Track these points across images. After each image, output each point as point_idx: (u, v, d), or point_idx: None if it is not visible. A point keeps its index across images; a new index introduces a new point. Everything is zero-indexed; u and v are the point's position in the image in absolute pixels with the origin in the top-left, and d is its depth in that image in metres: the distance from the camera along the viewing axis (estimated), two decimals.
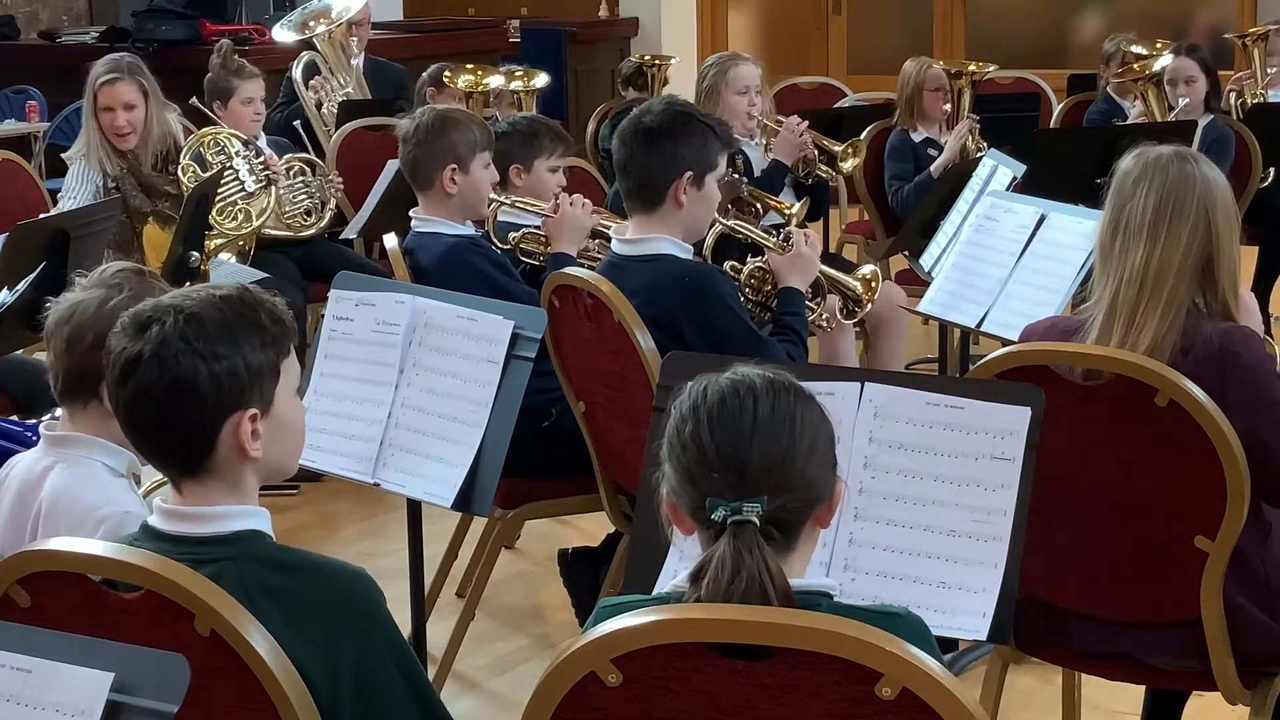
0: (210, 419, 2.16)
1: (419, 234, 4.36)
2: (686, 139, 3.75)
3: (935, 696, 1.79)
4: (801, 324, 3.94)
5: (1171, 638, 2.95)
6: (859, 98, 8.21)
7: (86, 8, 10.73)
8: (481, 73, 6.30)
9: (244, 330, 2.17)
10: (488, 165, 4.39)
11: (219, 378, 2.14)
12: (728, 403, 1.99)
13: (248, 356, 2.17)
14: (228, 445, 2.18)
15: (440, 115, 4.46)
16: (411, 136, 4.37)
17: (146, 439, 2.22)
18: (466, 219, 4.37)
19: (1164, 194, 2.89)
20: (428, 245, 4.31)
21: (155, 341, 2.14)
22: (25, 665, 1.76)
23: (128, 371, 2.15)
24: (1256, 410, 2.84)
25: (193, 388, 2.13)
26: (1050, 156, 5.56)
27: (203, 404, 2.15)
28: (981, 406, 2.62)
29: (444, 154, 4.31)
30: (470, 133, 4.35)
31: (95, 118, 5.42)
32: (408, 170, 4.43)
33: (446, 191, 4.32)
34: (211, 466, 2.19)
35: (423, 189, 4.38)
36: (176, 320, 2.14)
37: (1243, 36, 7.61)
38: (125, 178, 5.43)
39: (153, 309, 2.18)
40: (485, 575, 4.17)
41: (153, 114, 5.48)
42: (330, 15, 7.13)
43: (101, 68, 5.48)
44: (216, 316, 2.16)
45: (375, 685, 2.16)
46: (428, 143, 4.33)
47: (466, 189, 4.33)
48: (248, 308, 2.20)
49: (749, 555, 1.93)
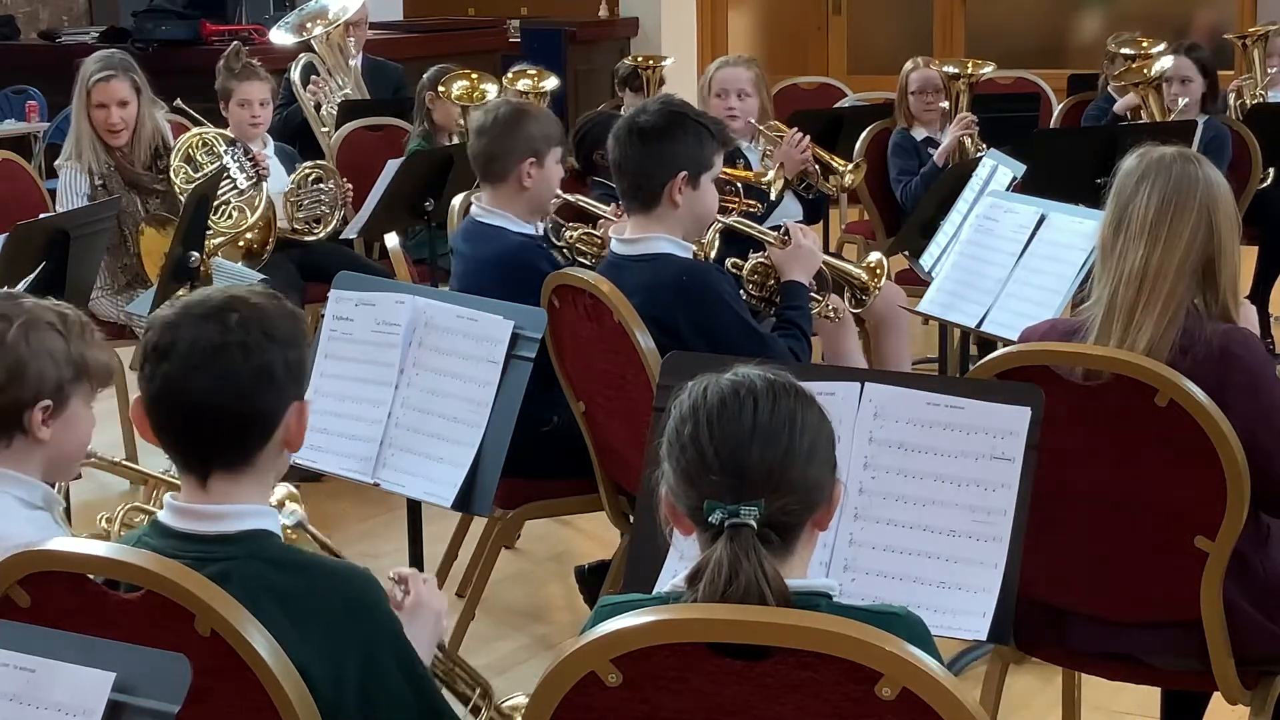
0: (281, 406, 2.20)
1: (480, 224, 4.26)
2: (681, 139, 3.74)
3: (935, 696, 1.79)
4: (804, 318, 3.93)
5: (1171, 638, 2.96)
6: (859, 98, 8.20)
7: (86, 8, 10.73)
8: (478, 78, 6.26)
9: (297, 323, 2.24)
10: (559, 161, 4.32)
11: (291, 365, 2.20)
12: (727, 404, 1.99)
13: (303, 348, 2.24)
14: (281, 435, 2.21)
15: (517, 107, 4.38)
16: (489, 129, 4.24)
17: (207, 429, 2.19)
18: (534, 215, 4.29)
19: (1167, 194, 2.89)
20: (490, 238, 4.22)
21: (238, 330, 2.16)
22: (28, 665, 1.77)
23: (207, 358, 2.15)
24: (1256, 412, 2.84)
25: (272, 374, 2.17)
26: (1050, 156, 5.56)
27: (278, 390, 2.19)
28: (981, 406, 2.62)
29: (523, 146, 4.20)
30: (545, 125, 4.28)
31: (87, 114, 5.42)
32: (480, 162, 4.29)
33: (522, 185, 4.22)
34: (258, 458, 2.21)
35: (495, 182, 4.26)
36: (249, 310, 2.18)
37: (1243, 37, 7.60)
38: (112, 175, 5.43)
39: (211, 299, 2.20)
40: (485, 575, 4.18)
41: (144, 111, 5.49)
42: (328, 16, 7.12)
43: (94, 65, 5.48)
44: (276, 307, 2.22)
45: (380, 686, 2.16)
46: (504, 135, 4.22)
47: (540, 183, 4.24)
48: (287, 304, 2.26)
49: (746, 558, 1.92)
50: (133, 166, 5.47)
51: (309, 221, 5.84)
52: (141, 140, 5.48)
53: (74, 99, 5.47)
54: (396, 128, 6.55)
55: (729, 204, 4.64)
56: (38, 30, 10.06)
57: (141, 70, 5.62)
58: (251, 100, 5.90)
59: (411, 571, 2.43)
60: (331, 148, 6.45)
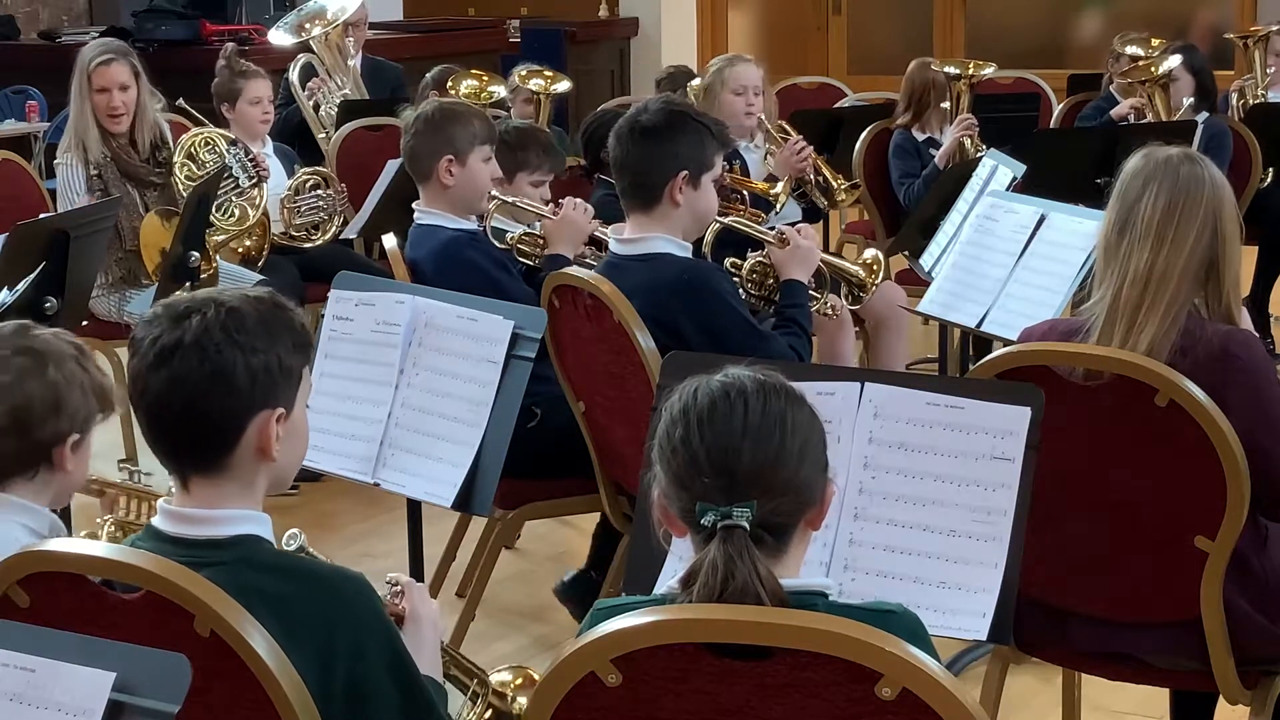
0: (241, 412, 2.15)
1: (419, 226, 4.35)
2: (682, 138, 3.75)
3: (935, 696, 1.79)
4: (804, 316, 3.94)
5: (1171, 638, 2.95)
6: (859, 98, 8.20)
7: (86, 8, 10.73)
8: (487, 79, 6.26)
9: (279, 329, 2.18)
10: (488, 160, 4.36)
11: (255, 372, 2.14)
12: (718, 406, 1.98)
13: (281, 355, 2.17)
14: (250, 443, 2.17)
15: (441, 107, 4.46)
16: (411, 126, 4.38)
17: (170, 429, 2.18)
18: (466, 214, 4.35)
19: (1173, 196, 2.89)
20: (426, 236, 4.30)
21: (196, 330, 2.13)
22: (28, 664, 1.76)
23: (163, 358, 2.13)
24: (1256, 413, 2.84)
25: (230, 378, 2.13)
26: (1050, 156, 5.57)
27: (237, 396, 2.14)
28: (981, 406, 2.62)
29: (441, 145, 4.29)
30: (470, 126, 4.34)
31: (88, 100, 5.38)
32: (407, 160, 4.43)
33: (443, 183, 4.30)
34: (229, 464, 2.18)
35: (421, 180, 4.37)
36: (218, 312, 2.14)
37: (1245, 37, 7.61)
38: (108, 165, 5.39)
39: (190, 300, 2.18)
40: (485, 575, 4.18)
41: (144, 98, 5.47)
42: (326, 17, 7.12)
43: (93, 50, 5.47)
44: (254, 313, 2.17)
45: (367, 694, 2.15)
46: (426, 133, 4.33)
47: (463, 182, 4.31)
48: (281, 310, 2.21)
49: (740, 560, 1.92)
50: (130, 157, 5.45)
51: (307, 228, 5.83)
52: (143, 127, 5.47)
53: (73, 87, 5.43)
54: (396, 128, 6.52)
55: (732, 213, 4.65)
56: (38, 30, 10.06)
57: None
58: (262, 97, 5.94)
59: (408, 581, 2.41)
60: (331, 148, 6.45)
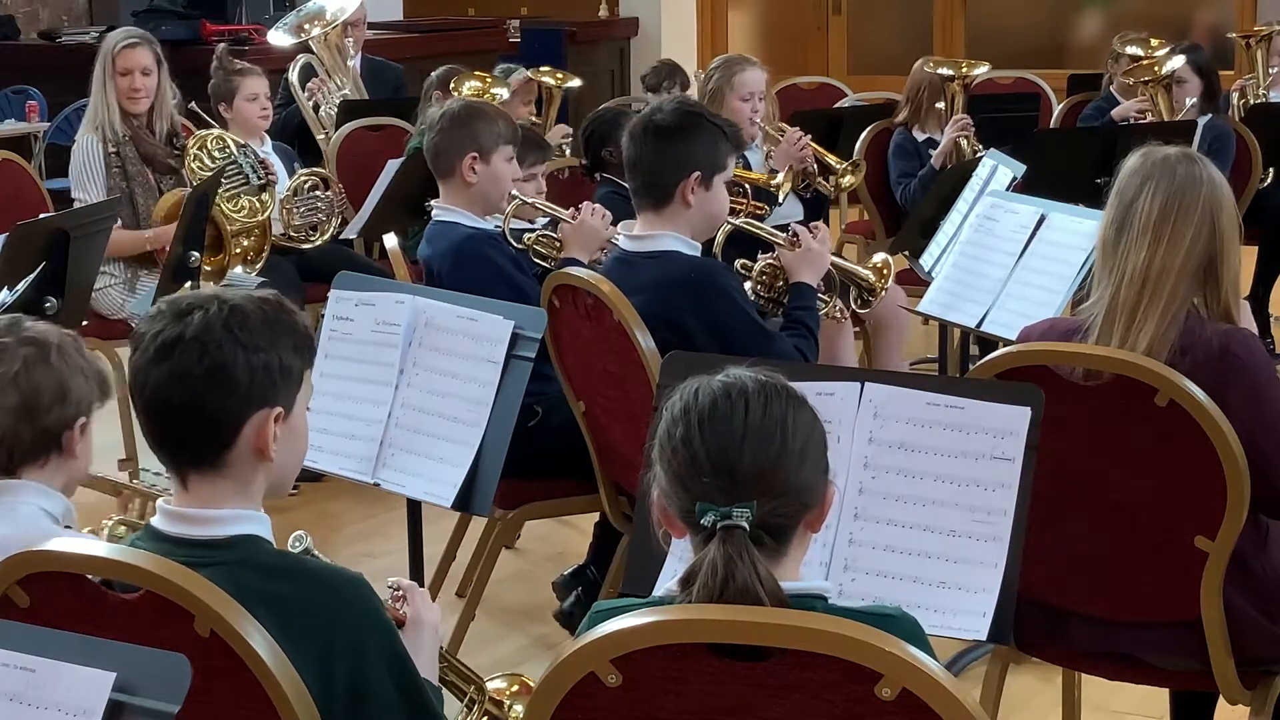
0: (239, 410, 2.16)
1: (438, 223, 4.35)
2: (696, 139, 3.75)
3: (935, 697, 1.79)
4: (813, 318, 3.94)
5: (1171, 638, 2.95)
6: (859, 98, 8.20)
7: (86, 8, 10.73)
8: (491, 80, 6.26)
9: (282, 330, 2.19)
10: (510, 159, 4.37)
11: (255, 370, 2.15)
12: (718, 406, 1.98)
13: (283, 355, 2.18)
14: (247, 442, 2.17)
15: (468, 105, 4.48)
16: (436, 123, 4.37)
17: (168, 424, 2.18)
18: (486, 212, 4.34)
19: (1170, 195, 2.89)
20: (444, 233, 4.30)
21: (198, 326, 2.13)
22: (28, 664, 1.76)
23: (164, 353, 2.13)
24: (1255, 413, 2.83)
25: (229, 375, 2.13)
26: (1050, 156, 5.57)
27: (235, 393, 2.14)
28: (981, 406, 2.62)
29: (466, 142, 4.29)
30: (495, 125, 4.34)
31: (112, 80, 5.51)
32: (430, 157, 4.41)
33: (466, 181, 4.30)
34: (226, 462, 2.18)
35: (443, 177, 4.36)
36: (220, 309, 2.15)
37: (1246, 37, 7.61)
38: (127, 144, 5.52)
39: (194, 297, 2.18)
40: (485, 575, 4.17)
41: (164, 85, 5.61)
42: (325, 17, 7.12)
43: (118, 35, 5.67)
44: (258, 312, 2.17)
45: (367, 694, 2.15)
46: (451, 130, 4.32)
47: (486, 180, 4.31)
48: (285, 311, 2.21)
49: (739, 560, 1.92)
50: (149, 139, 5.57)
51: (305, 229, 5.84)
52: (162, 115, 5.60)
53: (95, 71, 5.56)
54: (396, 128, 6.55)
55: (736, 205, 4.66)
56: (38, 30, 10.06)
57: None
58: (258, 94, 5.96)
59: (410, 584, 2.41)
60: (331, 148, 6.45)
